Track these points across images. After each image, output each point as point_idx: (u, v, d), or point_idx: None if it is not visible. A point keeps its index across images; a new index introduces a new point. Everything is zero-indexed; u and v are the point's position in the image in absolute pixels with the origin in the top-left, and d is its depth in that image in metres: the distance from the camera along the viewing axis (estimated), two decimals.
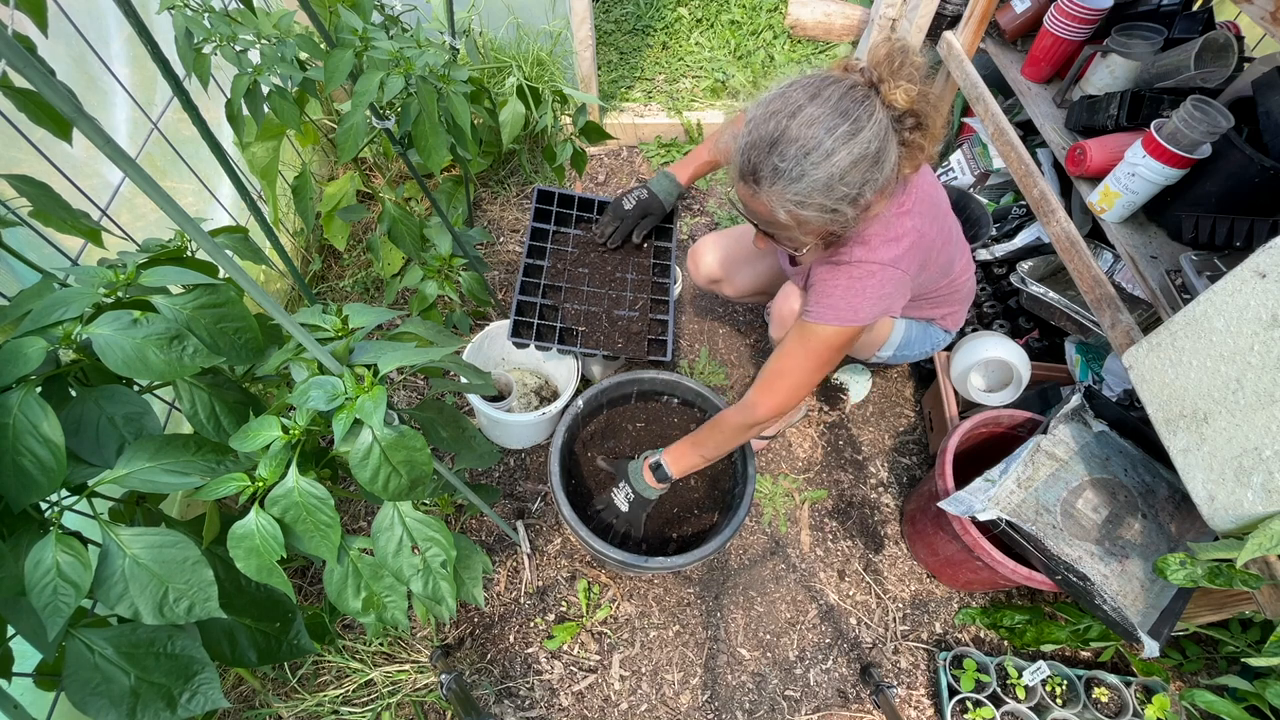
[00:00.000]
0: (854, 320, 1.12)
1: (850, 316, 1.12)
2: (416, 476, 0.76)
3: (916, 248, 1.13)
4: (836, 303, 1.12)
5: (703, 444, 1.29)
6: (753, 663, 1.49)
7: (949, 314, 1.47)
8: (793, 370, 1.19)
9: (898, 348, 1.50)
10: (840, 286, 1.12)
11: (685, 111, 2.49)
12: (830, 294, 1.13)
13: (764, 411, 1.21)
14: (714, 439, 1.28)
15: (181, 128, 1.47)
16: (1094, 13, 1.46)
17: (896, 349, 1.50)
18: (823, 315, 1.13)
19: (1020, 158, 1.53)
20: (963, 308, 1.49)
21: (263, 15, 1.17)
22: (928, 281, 1.27)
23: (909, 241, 1.12)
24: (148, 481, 0.71)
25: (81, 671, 0.69)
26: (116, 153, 0.43)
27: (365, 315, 0.84)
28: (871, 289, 1.11)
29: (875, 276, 1.11)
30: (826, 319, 1.13)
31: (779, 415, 1.22)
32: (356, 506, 1.65)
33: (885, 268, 1.11)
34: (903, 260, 1.12)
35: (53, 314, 0.68)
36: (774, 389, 1.20)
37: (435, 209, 1.54)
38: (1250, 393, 0.86)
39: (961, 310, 1.50)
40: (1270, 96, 1.16)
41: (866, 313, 1.11)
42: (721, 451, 1.30)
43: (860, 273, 1.11)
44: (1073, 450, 1.34)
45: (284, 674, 1.38)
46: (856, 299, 1.11)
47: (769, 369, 1.22)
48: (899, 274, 1.12)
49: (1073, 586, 1.20)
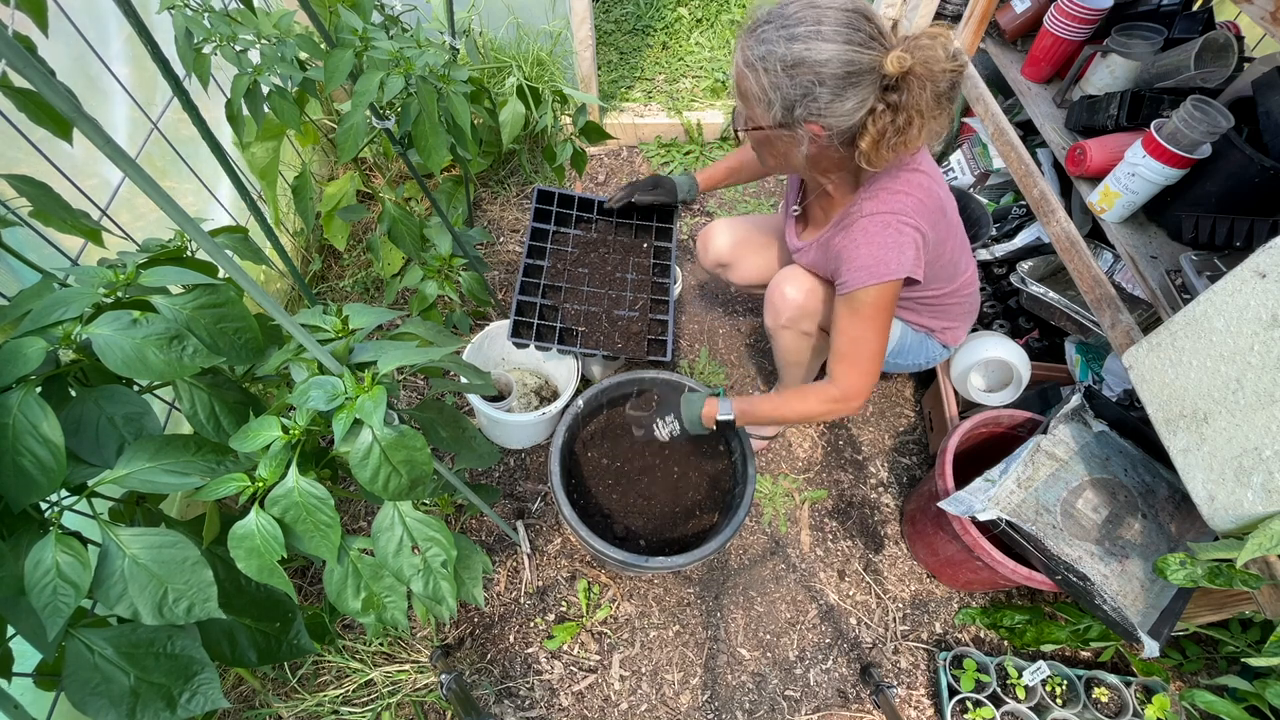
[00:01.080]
0: (888, 274, 1.11)
1: (883, 271, 1.11)
2: (416, 476, 0.76)
3: (926, 206, 1.13)
4: (865, 262, 1.12)
5: (785, 410, 1.27)
6: (753, 663, 1.49)
7: (949, 329, 1.46)
8: (859, 341, 1.18)
9: (891, 353, 1.48)
10: (862, 245, 1.13)
11: (685, 111, 2.49)
12: (855, 258, 1.13)
13: (859, 395, 1.21)
14: (799, 409, 1.26)
15: (181, 128, 1.47)
16: (1094, 13, 1.46)
17: (891, 355, 1.49)
18: (858, 279, 1.13)
19: (1020, 158, 1.53)
20: (963, 325, 1.48)
21: (263, 15, 1.17)
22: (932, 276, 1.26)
23: (918, 196, 1.12)
24: (148, 482, 0.71)
25: (81, 671, 0.69)
26: (116, 153, 0.43)
27: (365, 315, 0.84)
28: (890, 240, 1.11)
29: (891, 227, 1.11)
30: (863, 281, 1.12)
31: (870, 390, 1.22)
32: (356, 506, 1.65)
33: (897, 216, 1.11)
34: (913, 213, 1.11)
35: (53, 314, 0.68)
36: (856, 365, 1.20)
37: (435, 209, 1.54)
38: (1250, 393, 0.86)
39: (963, 327, 1.49)
40: (1270, 96, 1.16)
41: (895, 263, 1.11)
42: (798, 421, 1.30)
43: (875, 226, 1.12)
44: (1073, 450, 1.34)
45: (284, 674, 1.38)
46: (881, 252, 1.11)
47: (840, 351, 1.22)
48: (911, 226, 1.11)
49: (1073, 586, 1.20)
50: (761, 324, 2.03)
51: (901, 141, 1.01)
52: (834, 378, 1.22)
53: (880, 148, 1.02)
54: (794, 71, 0.98)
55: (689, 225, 2.27)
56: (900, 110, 0.99)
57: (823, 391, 1.23)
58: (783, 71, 0.98)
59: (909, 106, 0.98)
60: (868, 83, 0.98)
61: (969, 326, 1.51)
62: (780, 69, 0.98)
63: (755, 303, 2.08)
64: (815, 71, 0.97)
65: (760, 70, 1.00)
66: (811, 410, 1.24)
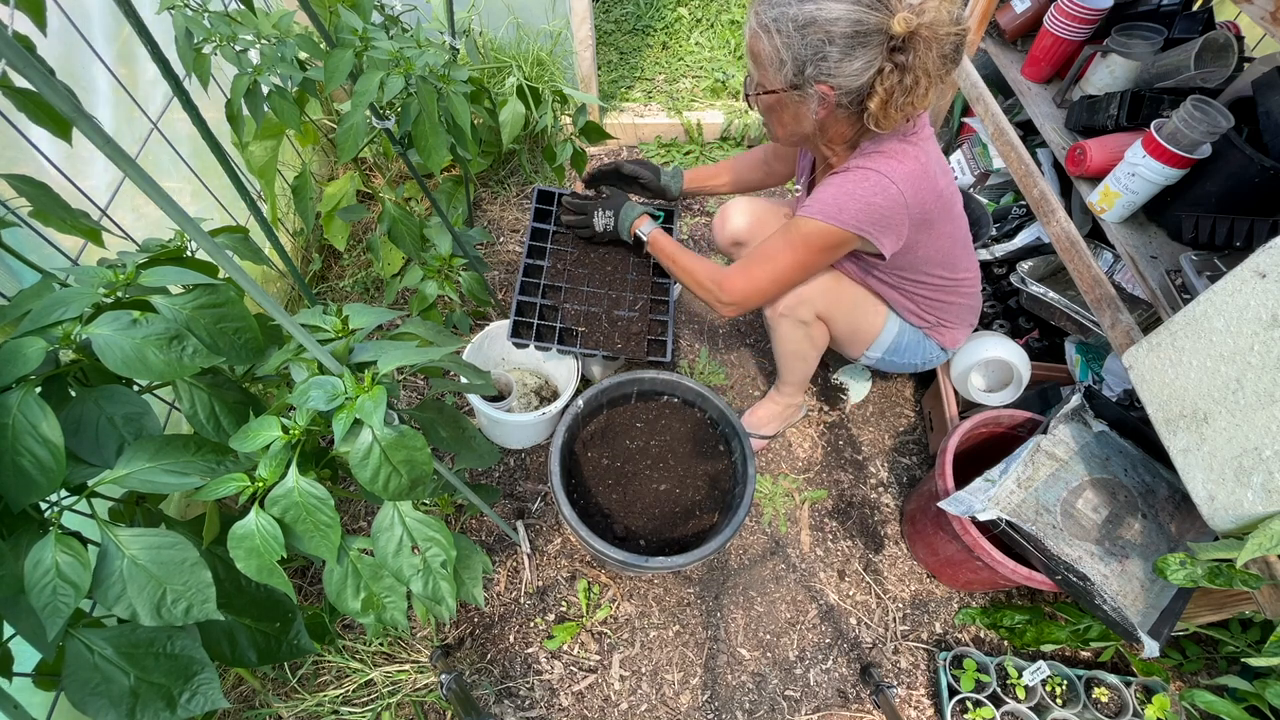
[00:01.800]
0: (836, 218, 1.14)
1: (834, 214, 1.14)
2: (416, 476, 0.76)
3: (916, 176, 1.13)
4: (824, 199, 1.15)
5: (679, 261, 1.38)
6: (753, 663, 1.49)
7: (947, 329, 1.46)
8: (770, 258, 1.24)
9: (887, 350, 1.49)
10: (833, 186, 1.15)
11: (685, 111, 2.49)
12: (821, 193, 1.17)
13: (731, 293, 1.28)
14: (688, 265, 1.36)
15: (181, 127, 1.47)
16: (1094, 13, 1.46)
17: (886, 351, 1.49)
18: (809, 209, 1.17)
19: (1020, 158, 1.53)
20: (963, 329, 1.49)
21: (263, 15, 1.17)
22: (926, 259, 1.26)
23: (909, 165, 1.12)
24: (147, 482, 0.71)
25: (81, 671, 0.69)
26: (116, 153, 0.43)
27: (365, 315, 0.84)
28: (861, 192, 1.12)
29: (868, 180, 1.12)
30: (811, 212, 1.16)
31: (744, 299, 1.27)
32: (356, 506, 1.65)
33: (879, 174, 1.12)
34: (900, 178, 1.12)
35: (52, 314, 0.68)
36: (749, 272, 1.26)
37: (435, 209, 1.54)
38: (1250, 393, 0.86)
39: (962, 330, 1.49)
40: (1270, 96, 1.16)
41: (850, 215, 1.13)
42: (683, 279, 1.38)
43: (854, 176, 1.14)
44: (1073, 450, 1.34)
45: (284, 674, 1.38)
46: (844, 198, 1.13)
47: (750, 254, 1.27)
48: (893, 188, 1.12)
49: (1073, 586, 1.20)
50: (761, 324, 2.04)
51: (910, 102, 1.04)
52: (726, 277, 1.28)
53: (889, 108, 1.04)
54: (805, 30, 1.00)
55: (689, 225, 2.27)
56: (907, 70, 1.01)
57: (714, 271, 1.31)
58: (795, 31, 1.01)
59: (915, 67, 1.01)
60: (875, 43, 1.00)
61: (968, 331, 1.51)
62: (792, 28, 1.01)
63: None
64: (825, 30, 0.99)
65: (774, 31, 1.03)
66: (696, 277, 1.34)
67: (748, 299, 1.26)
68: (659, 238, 1.43)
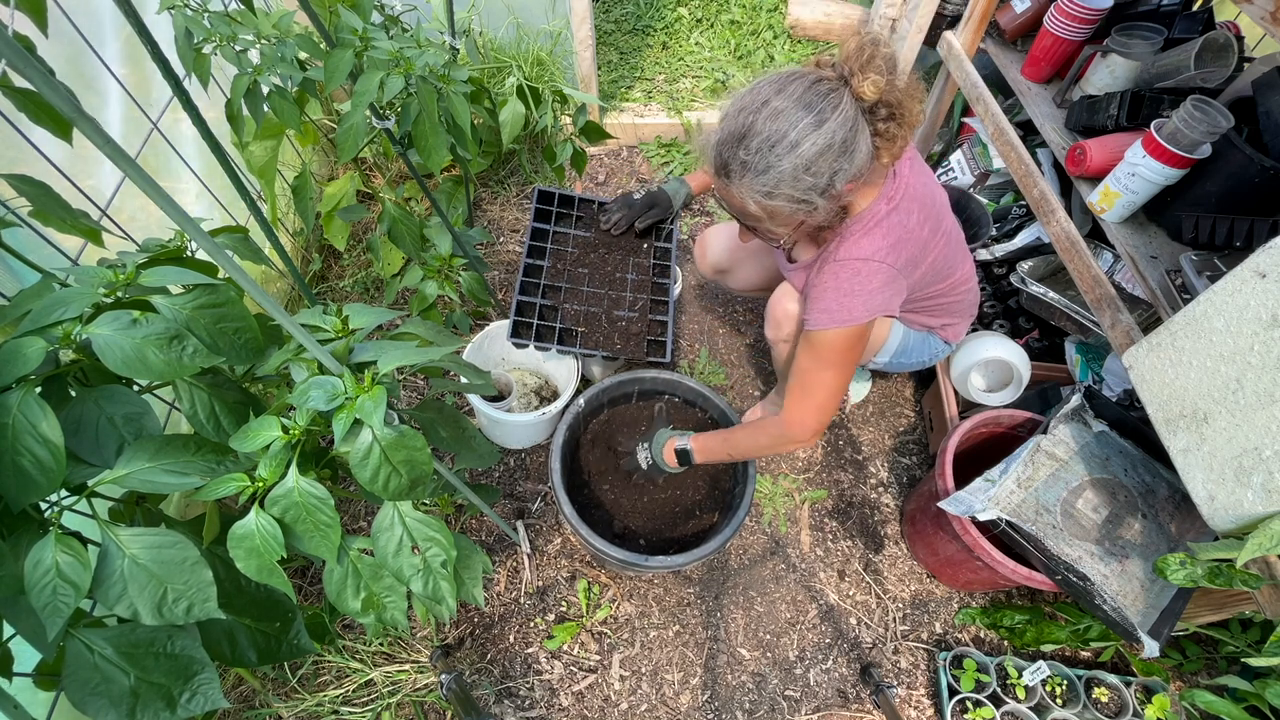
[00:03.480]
0: (850, 320, 1.12)
1: (845, 317, 1.12)
2: (416, 476, 0.75)
3: (902, 243, 1.13)
4: (829, 305, 1.13)
5: (736, 445, 1.30)
6: (753, 663, 1.49)
7: (949, 325, 1.46)
8: (816, 383, 1.20)
9: (894, 354, 1.49)
10: (830, 289, 1.14)
11: (685, 111, 2.49)
12: (821, 298, 1.14)
13: (804, 430, 1.21)
14: (749, 444, 1.29)
15: (181, 127, 1.47)
16: (1094, 13, 1.46)
17: (893, 355, 1.49)
18: (819, 321, 1.14)
19: (1020, 158, 1.53)
20: (964, 321, 1.49)
21: (263, 15, 1.17)
22: (923, 282, 1.27)
23: (891, 237, 1.12)
24: (147, 481, 0.70)
25: (81, 671, 0.69)
26: (116, 153, 0.43)
27: (365, 315, 0.84)
28: (858, 287, 1.12)
29: (860, 274, 1.11)
30: (824, 324, 1.14)
31: (821, 430, 1.22)
32: (356, 506, 1.65)
33: (868, 262, 1.11)
34: (886, 254, 1.11)
35: (52, 314, 0.68)
36: (806, 406, 1.20)
37: (435, 209, 1.54)
38: (1250, 393, 0.86)
39: (963, 324, 1.49)
40: (1270, 96, 1.16)
41: (860, 311, 1.12)
42: (752, 455, 1.31)
43: (846, 272, 1.12)
44: (1073, 450, 1.34)
45: (284, 674, 1.38)
46: (846, 299, 1.12)
47: (795, 386, 1.22)
48: (885, 268, 1.12)
49: (1073, 586, 1.20)
50: (761, 323, 2.04)
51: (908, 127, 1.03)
52: (786, 410, 1.23)
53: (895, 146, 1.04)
54: (813, 169, 0.98)
55: (689, 225, 2.27)
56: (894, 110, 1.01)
57: (773, 427, 1.24)
58: (807, 174, 0.99)
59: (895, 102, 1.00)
60: (861, 121, 0.99)
61: (970, 322, 1.52)
62: (804, 174, 0.99)
63: (756, 304, 2.08)
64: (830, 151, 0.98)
65: (782, 195, 1.01)
66: (762, 445, 1.27)
67: (818, 424, 1.22)
68: (701, 445, 1.34)
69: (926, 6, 2.06)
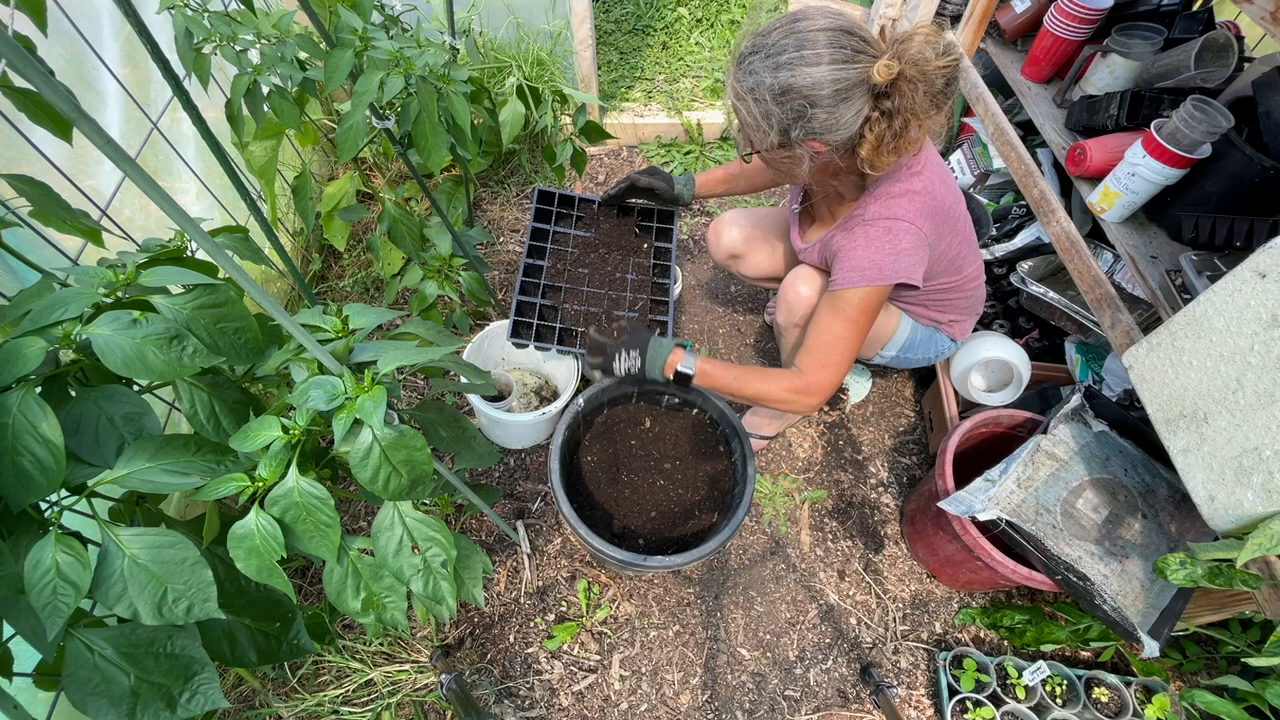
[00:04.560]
0: (880, 278, 1.12)
1: (875, 275, 1.12)
2: (416, 476, 0.76)
3: (930, 211, 1.14)
4: (859, 263, 1.14)
5: (745, 384, 1.24)
6: (753, 663, 1.49)
7: (956, 321, 1.47)
8: (835, 342, 1.19)
9: (901, 348, 1.49)
10: (859, 247, 1.14)
11: (685, 111, 2.49)
12: (850, 257, 1.15)
13: (819, 388, 1.20)
14: (759, 387, 1.23)
15: (181, 127, 1.47)
16: (1094, 13, 1.46)
17: (900, 349, 1.50)
18: (848, 279, 1.14)
19: (1020, 158, 1.53)
20: (970, 319, 1.49)
21: (263, 15, 1.17)
22: (940, 267, 1.27)
23: (919, 203, 1.13)
24: (147, 481, 0.70)
25: (81, 671, 0.69)
26: (116, 153, 0.43)
27: (365, 315, 0.84)
28: (889, 246, 1.12)
29: (891, 233, 1.12)
30: (854, 282, 1.14)
31: (829, 387, 1.21)
32: (356, 506, 1.65)
33: (899, 222, 1.12)
34: (915, 217, 1.12)
35: (52, 314, 0.68)
36: (827, 363, 1.20)
37: (435, 209, 1.54)
38: (1250, 393, 0.86)
39: (969, 321, 1.50)
40: (1270, 96, 1.16)
41: (888, 269, 1.12)
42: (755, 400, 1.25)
43: (876, 231, 1.13)
44: (1073, 450, 1.34)
45: (284, 674, 1.38)
46: (878, 256, 1.12)
47: (812, 345, 1.21)
48: (915, 230, 1.12)
49: (1073, 586, 1.20)
50: (761, 323, 2.04)
51: (900, 144, 1.03)
52: (801, 369, 1.22)
53: (880, 152, 1.04)
54: (784, 98, 1.00)
55: (689, 225, 2.27)
56: (895, 115, 1.00)
57: (787, 380, 1.23)
58: (772, 100, 1.01)
59: (903, 110, 0.99)
60: (859, 94, 0.99)
61: (975, 320, 1.52)
62: (770, 98, 1.01)
63: (756, 302, 2.08)
64: (805, 95, 0.99)
65: (751, 101, 1.03)
66: (771, 394, 1.23)
67: (832, 385, 1.21)
68: (708, 368, 1.24)
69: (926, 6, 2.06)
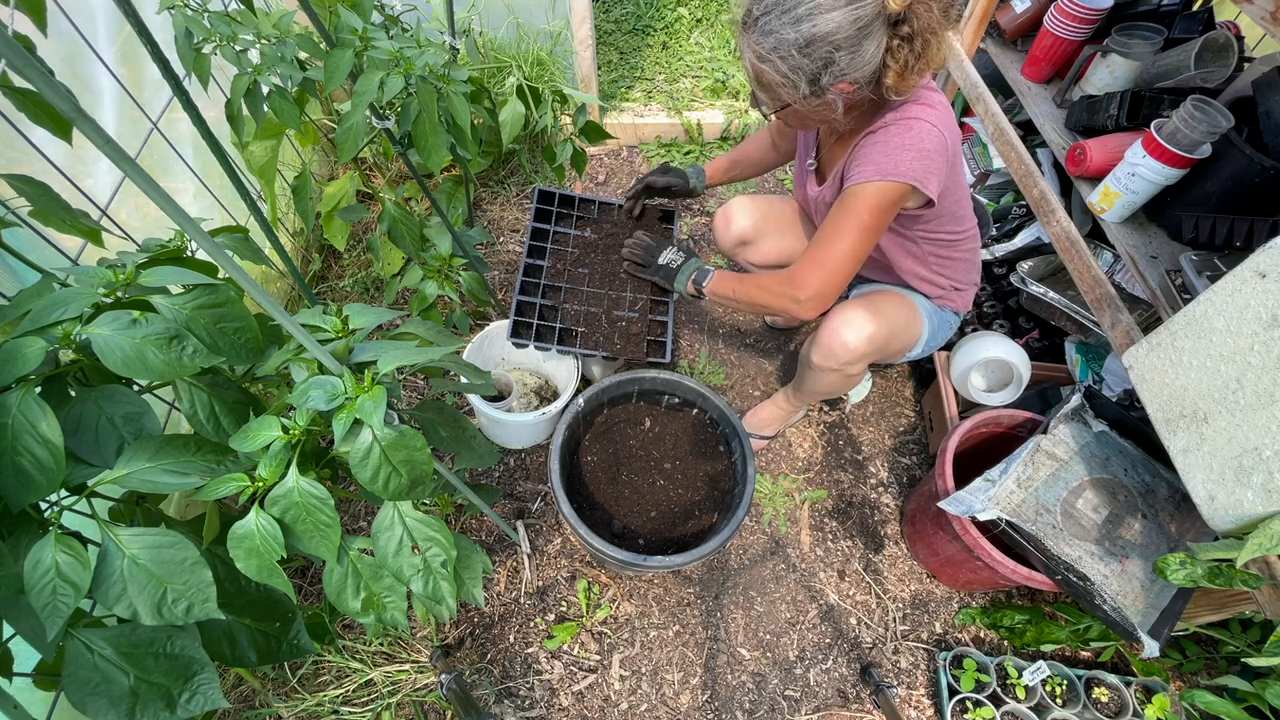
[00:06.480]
0: (894, 174, 1.09)
1: (890, 170, 1.10)
2: (416, 476, 0.75)
3: (947, 119, 1.13)
4: (876, 158, 1.11)
5: (744, 290, 1.31)
6: (753, 663, 1.49)
7: (959, 290, 1.46)
8: (836, 243, 1.17)
9: (924, 345, 1.50)
10: (879, 145, 1.12)
11: (685, 111, 2.49)
12: (869, 155, 1.13)
13: (806, 283, 1.20)
14: (754, 291, 1.29)
15: (180, 127, 1.46)
16: (1094, 13, 1.46)
17: (925, 344, 1.50)
18: (863, 174, 1.12)
19: (1020, 158, 1.53)
20: (970, 289, 1.49)
21: (263, 15, 1.17)
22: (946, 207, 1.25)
23: (939, 110, 1.12)
24: (147, 481, 0.70)
25: (81, 671, 0.69)
26: (117, 153, 0.43)
27: (365, 315, 0.84)
28: (910, 142, 1.10)
29: (914, 130, 1.10)
30: (868, 176, 1.11)
31: (823, 288, 1.19)
32: (356, 506, 1.65)
33: (922, 122, 1.10)
34: (937, 120, 1.11)
35: (52, 314, 0.68)
36: (824, 265, 1.18)
37: (435, 209, 1.54)
38: (1250, 393, 0.86)
39: (970, 292, 1.49)
40: (1270, 96, 1.16)
41: (905, 167, 1.09)
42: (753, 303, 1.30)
43: (899, 128, 1.11)
44: (1073, 450, 1.34)
45: (284, 674, 1.38)
46: (896, 152, 1.10)
47: (814, 246, 1.20)
48: (935, 131, 1.10)
49: (1073, 586, 1.20)
50: (762, 324, 2.04)
51: (922, 64, 1.04)
52: (796, 274, 1.21)
53: (906, 76, 1.04)
54: (809, 49, 1.00)
55: (689, 225, 2.27)
56: (915, 37, 1.01)
57: (781, 283, 1.24)
58: (799, 54, 1.01)
59: (922, 31, 1.00)
60: (878, 27, 1.00)
61: (974, 290, 1.51)
62: (796, 52, 1.01)
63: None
64: (829, 41, 0.99)
65: (776, 59, 1.03)
66: (765, 298, 1.28)
67: (826, 286, 1.19)
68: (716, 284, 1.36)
69: None
